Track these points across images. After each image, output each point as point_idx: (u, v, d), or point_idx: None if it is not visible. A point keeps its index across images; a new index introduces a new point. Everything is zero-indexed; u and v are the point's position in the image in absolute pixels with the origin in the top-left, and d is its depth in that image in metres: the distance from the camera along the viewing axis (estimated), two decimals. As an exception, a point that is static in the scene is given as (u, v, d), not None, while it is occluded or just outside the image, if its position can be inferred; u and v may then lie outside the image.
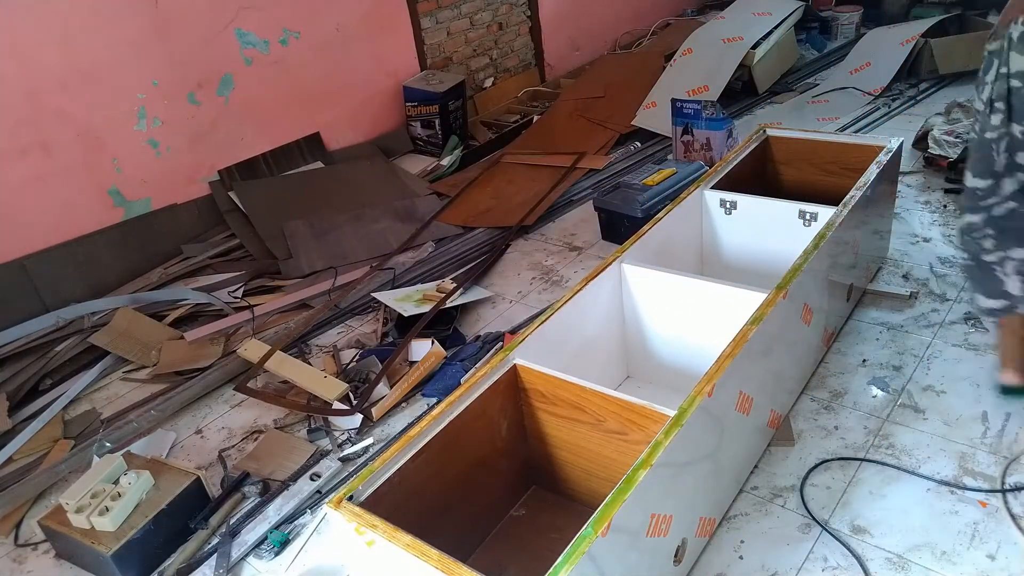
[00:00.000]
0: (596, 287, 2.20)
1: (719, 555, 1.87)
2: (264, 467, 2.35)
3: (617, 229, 3.33)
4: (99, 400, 2.85)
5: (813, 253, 2.15)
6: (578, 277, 2.18)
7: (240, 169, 3.95)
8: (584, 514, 1.43)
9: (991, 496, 1.93)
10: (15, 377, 2.93)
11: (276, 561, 2.05)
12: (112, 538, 1.99)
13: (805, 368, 2.37)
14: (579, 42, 5.68)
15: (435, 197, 4.02)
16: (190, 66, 3.66)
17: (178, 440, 2.57)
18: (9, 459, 2.55)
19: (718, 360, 1.77)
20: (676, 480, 1.64)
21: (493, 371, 1.86)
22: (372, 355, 2.75)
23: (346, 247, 3.60)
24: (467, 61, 5.04)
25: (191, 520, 2.14)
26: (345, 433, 2.47)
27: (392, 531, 1.45)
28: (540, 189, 3.91)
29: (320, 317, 3.10)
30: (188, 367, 2.88)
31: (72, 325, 3.20)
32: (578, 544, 1.35)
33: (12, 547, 2.23)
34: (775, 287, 2.01)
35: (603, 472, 1.89)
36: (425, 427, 1.70)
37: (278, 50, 3.99)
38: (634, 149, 4.31)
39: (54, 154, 3.30)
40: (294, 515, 2.18)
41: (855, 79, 4.70)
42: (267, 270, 3.53)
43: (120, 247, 3.54)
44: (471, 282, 3.18)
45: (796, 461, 2.11)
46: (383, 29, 4.46)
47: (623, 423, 1.77)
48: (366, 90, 4.46)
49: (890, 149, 2.66)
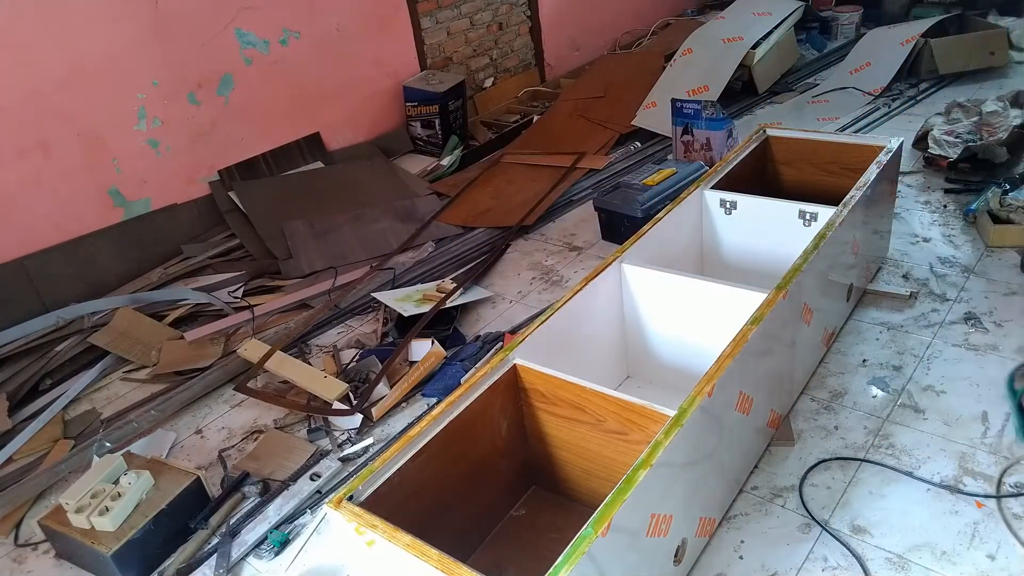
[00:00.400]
0: (596, 287, 2.20)
1: (719, 555, 1.87)
2: (264, 467, 2.35)
3: (617, 229, 3.33)
4: (99, 400, 2.85)
5: (813, 253, 2.15)
6: (578, 277, 2.18)
7: (240, 169, 3.95)
8: (584, 514, 1.43)
9: (990, 498, 1.93)
10: (15, 377, 2.93)
11: (276, 561, 2.05)
12: (112, 538, 1.99)
13: (805, 368, 2.37)
14: (579, 42, 5.68)
15: (435, 197, 4.02)
16: (190, 66, 3.66)
17: (178, 440, 2.57)
18: (9, 459, 2.55)
19: (718, 360, 1.77)
20: (676, 480, 1.64)
21: (493, 371, 1.86)
22: (372, 355, 2.75)
23: (346, 247, 3.60)
24: (467, 61, 5.04)
25: (191, 520, 2.14)
26: (345, 433, 2.47)
27: (392, 531, 1.45)
28: (540, 189, 3.91)
29: (320, 317, 3.10)
30: (188, 367, 2.88)
31: (72, 325, 3.20)
32: (578, 544, 1.35)
33: (12, 547, 2.23)
34: (775, 287, 2.01)
35: (603, 472, 1.89)
36: (425, 427, 1.70)
37: (278, 50, 3.99)
38: (634, 149, 4.31)
39: (54, 154, 3.30)
40: (294, 515, 2.18)
41: (855, 79, 4.70)
42: (267, 270, 3.53)
43: (120, 247, 3.54)
44: (471, 282, 3.18)
45: (796, 461, 2.11)
46: (383, 29, 4.46)
47: (623, 423, 1.77)
48: (366, 90, 4.46)
49: (890, 149, 2.66)
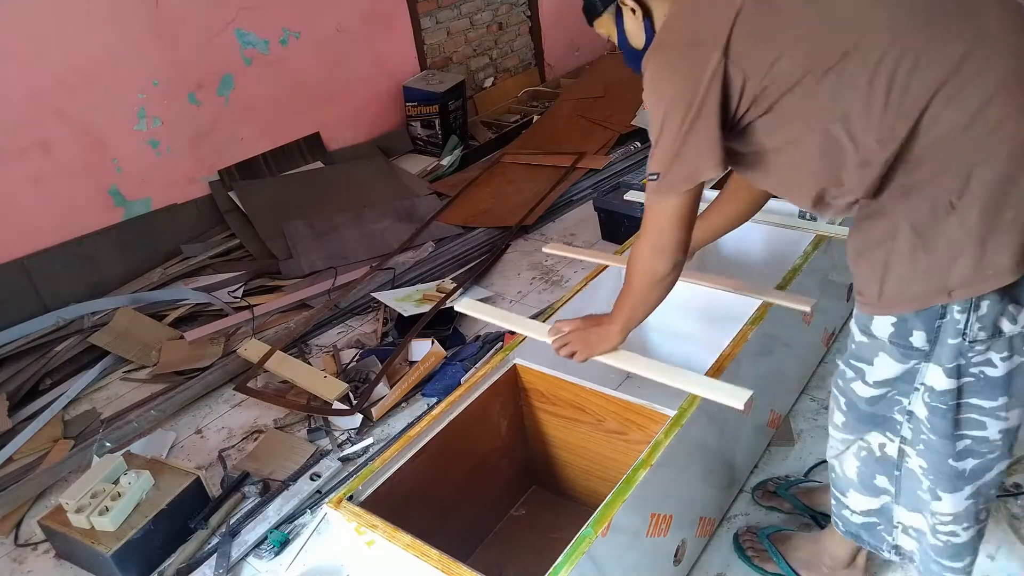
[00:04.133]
0: (596, 287, 2.20)
1: (719, 555, 1.87)
2: (264, 467, 2.35)
3: (617, 229, 3.33)
4: (99, 400, 2.85)
5: (813, 253, 2.15)
6: (578, 277, 2.18)
7: (240, 169, 3.95)
8: (584, 514, 1.43)
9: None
10: (15, 377, 2.93)
11: (276, 561, 2.05)
12: (112, 538, 1.99)
13: (805, 368, 2.37)
14: (579, 42, 5.69)
15: (435, 197, 4.02)
16: (190, 66, 3.66)
17: (178, 440, 2.57)
18: (9, 459, 2.55)
19: (718, 360, 1.77)
20: (676, 480, 1.64)
21: (493, 371, 1.86)
22: (372, 355, 2.75)
23: (346, 247, 3.60)
24: (467, 61, 5.04)
25: (191, 520, 2.14)
26: (345, 433, 2.47)
27: (392, 531, 1.45)
28: (540, 189, 3.91)
29: (320, 317, 3.10)
30: (188, 367, 2.88)
31: (72, 325, 3.20)
32: (578, 544, 1.35)
33: (12, 547, 2.23)
34: (775, 287, 2.01)
35: (603, 472, 1.89)
36: (425, 427, 1.70)
37: (278, 50, 3.99)
38: (634, 149, 4.31)
39: (54, 154, 3.30)
40: (294, 515, 2.18)
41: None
42: (267, 270, 3.53)
43: (120, 247, 3.54)
44: (471, 282, 3.18)
45: (796, 461, 2.11)
46: (383, 29, 4.46)
47: (623, 423, 1.77)
48: (366, 90, 4.46)
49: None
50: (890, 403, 1.34)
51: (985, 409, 1.25)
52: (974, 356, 1.20)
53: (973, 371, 1.22)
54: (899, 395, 1.32)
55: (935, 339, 1.21)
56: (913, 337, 1.23)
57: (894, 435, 1.37)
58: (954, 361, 1.21)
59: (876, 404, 1.36)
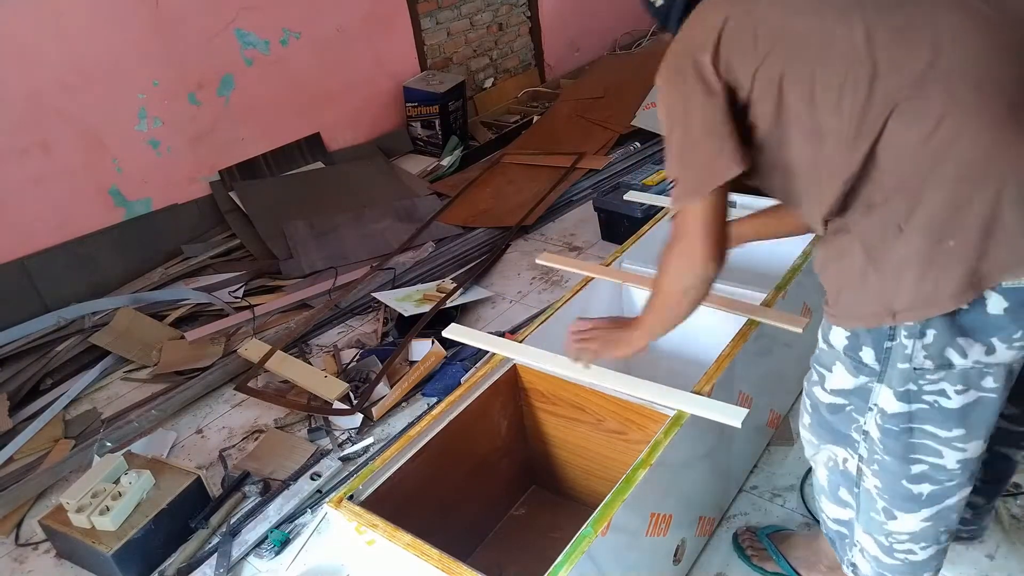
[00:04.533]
0: (596, 287, 2.20)
1: (718, 554, 1.88)
2: (264, 467, 2.36)
3: (617, 229, 3.33)
4: (100, 400, 2.85)
5: (813, 253, 2.14)
6: (578, 277, 2.18)
7: (240, 169, 3.95)
8: (584, 514, 1.43)
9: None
10: (16, 377, 2.94)
11: (276, 560, 2.05)
12: (113, 537, 1.99)
13: (804, 368, 2.36)
14: (579, 42, 5.69)
15: (435, 197, 4.02)
16: (190, 66, 3.66)
17: (178, 440, 2.58)
18: (10, 459, 2.55)
19: (718, 360, 1.78)
20: (676, 480, 1.64)
21: (493, 371, 1.86)
22: (372, 355, 2.75)
23: (346, 247, 3.60)
24: (467, 61, 5.04)
25: (191, 520, 2.14)
26: (345, 433, 2.47)
27: (392, 531, 1.45)
28: (540, 189, 3.92)
29: (320, 317, 3.10)
30: (189, 367, 2.88)
31: (73, 325, 3.20)
32: (578, 544, 1.35)
33: (13, 547, 2.24)
34: (775, 287, 2.02)
35: (603, 472, 1.89)
36: (425, 427, 1.70)
37: (278, 50, 3.99)
38: (634, 149, 4.31)
39: (54, 154, 3.30)
40: (294, 515, 2.18)
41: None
42: (267, 270, 3.53)
43: (120, 247, 3.54)
44: (471, 282, 3.19)
45: (796, 460, 2.11)
46: (383, 30, 4.46)
47: (623, 423, 1.77)
48: (366, 90, 4.46)
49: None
50: (848, 419, 1.33)
51: (940, 438, 1.22)
52: (926, 384, 1.19)
53: (927, 399, 1.20)
54: (856, 412, 1.31)
55: (885, 360, 1.20)
56: (863, 353, 1.22)
57: (853, 452, 1.37)
58: (904, 386, 1.20)
59: (836, 414, 1.35)
